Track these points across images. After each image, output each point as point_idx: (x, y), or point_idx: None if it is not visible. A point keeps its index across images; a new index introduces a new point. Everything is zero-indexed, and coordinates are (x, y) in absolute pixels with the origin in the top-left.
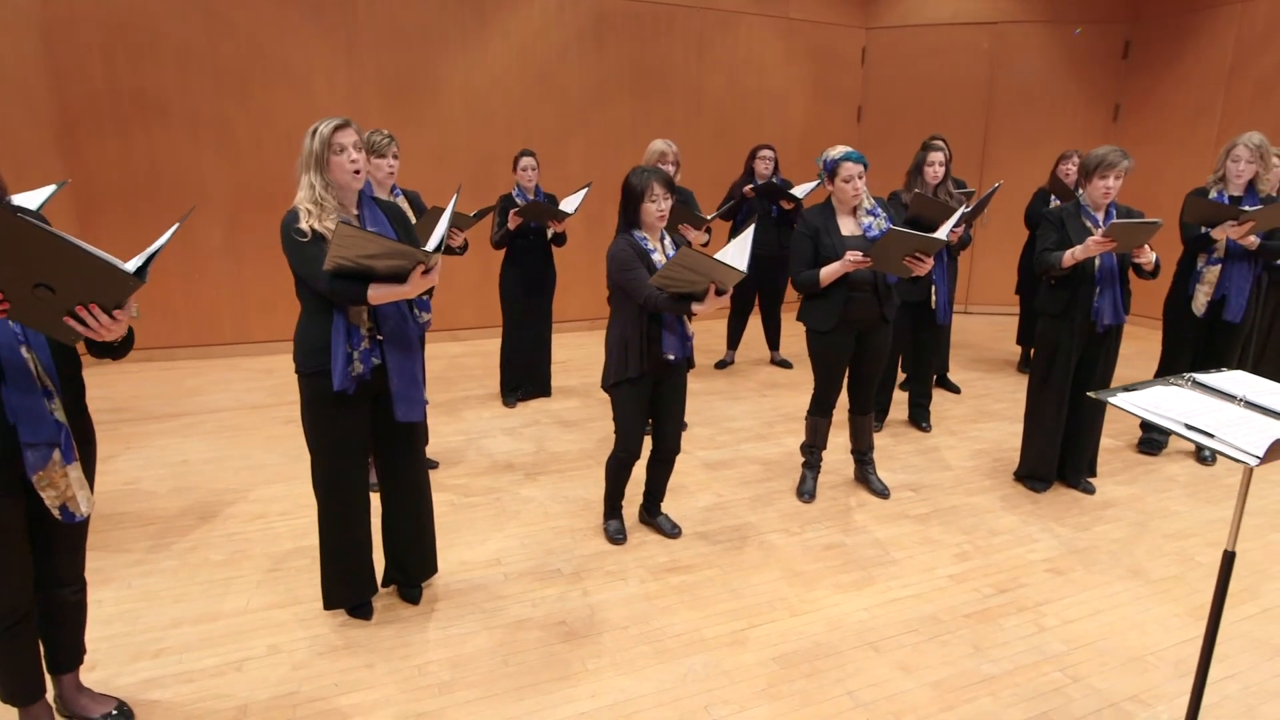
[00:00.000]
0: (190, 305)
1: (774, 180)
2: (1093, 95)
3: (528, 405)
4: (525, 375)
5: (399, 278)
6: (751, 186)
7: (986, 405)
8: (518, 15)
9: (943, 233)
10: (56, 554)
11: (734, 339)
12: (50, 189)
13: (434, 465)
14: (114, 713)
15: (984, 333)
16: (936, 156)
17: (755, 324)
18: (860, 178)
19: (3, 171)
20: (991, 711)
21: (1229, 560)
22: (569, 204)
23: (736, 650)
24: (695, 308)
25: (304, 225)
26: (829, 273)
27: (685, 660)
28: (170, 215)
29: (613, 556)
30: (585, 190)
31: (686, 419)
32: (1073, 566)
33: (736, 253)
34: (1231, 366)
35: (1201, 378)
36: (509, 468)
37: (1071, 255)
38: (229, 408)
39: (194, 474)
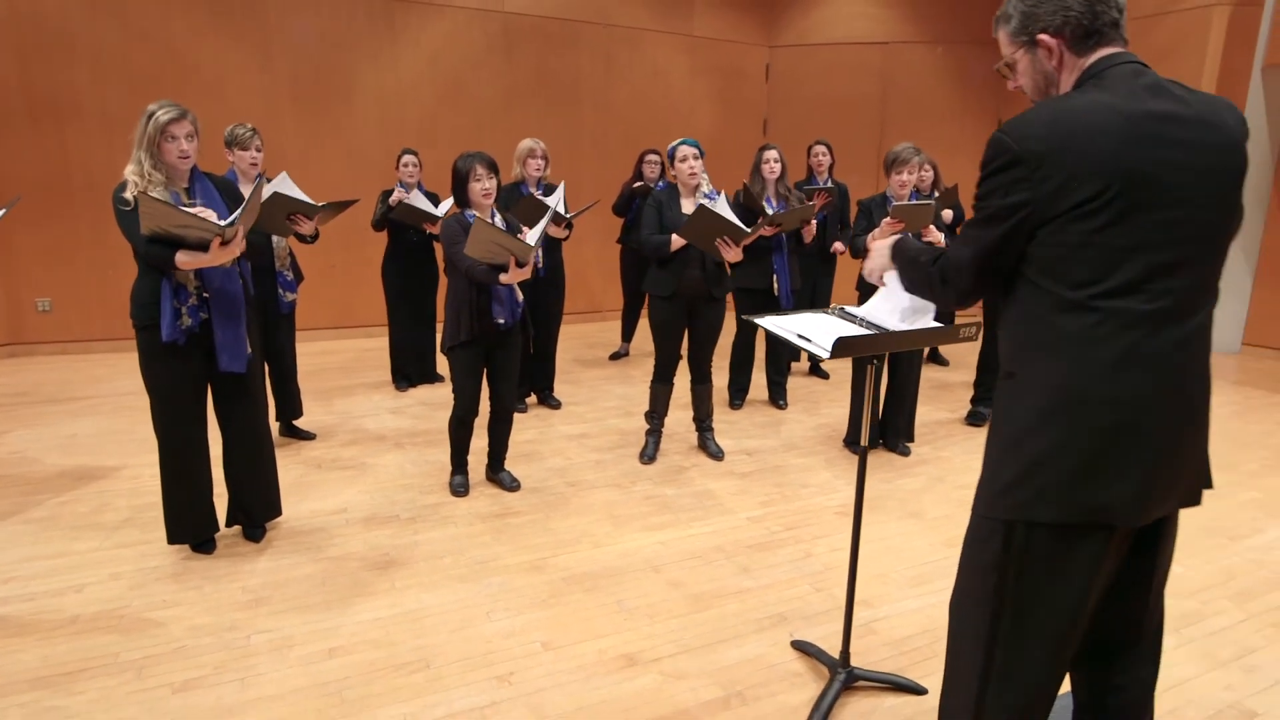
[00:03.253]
0: (104, 301)
1: (657, 184)
2: (977, 108)
3: (417, 390)
4: (412, 362)
5: (205, 247)
6: (636, 185)
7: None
8: (428, 26)
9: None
10: None
11: (628, 332)
12: None
13: (311, 437)
14: None
15: None
16: (771, 155)
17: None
18: (696, 159)
19: None
20: (736, 612)
21: (863, 454)
22: (442, 208)
23: (532, 573)
24: (502, 278)
25: (128, 195)
26: (675, 242)
27: (484, 580)
28: (84, 212)
29: (449, 505)
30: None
31: (562, 398)
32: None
33: (533, 233)
34: None
35: (849, 308)
36: (380, 439)
37: (871, 237)
38: (129, 392)
39: (79, 446)
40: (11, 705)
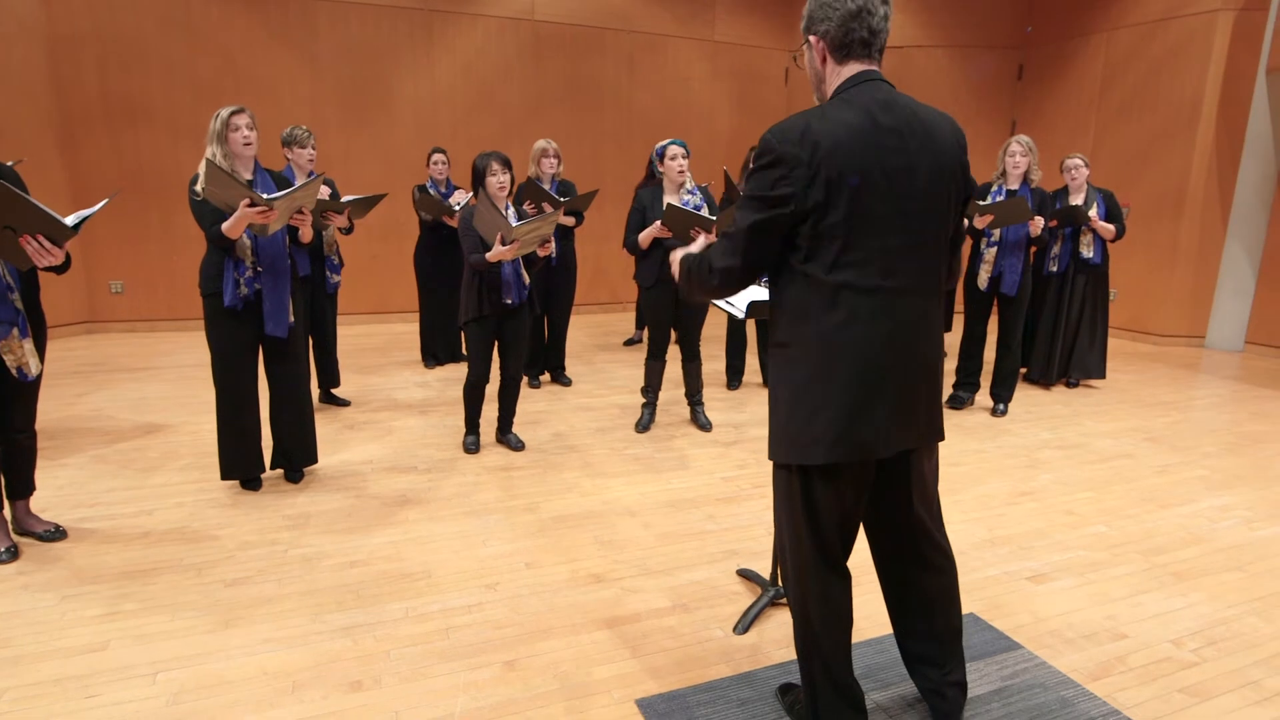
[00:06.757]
0: (169, 284)
1: None
2: (992, 113)
3: (443, 368)
4: (440, 343)
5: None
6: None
7: None
8: (462, 35)
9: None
10: (13, 406)
11: (641, 320)
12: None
13: (346, 403)
14: (52, 530)
15: None
16: None
17: None
18: (683, 158)
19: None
20: (695, 547)
21: None
22: (455, 199)
23: (526, 513)
24: (489, 255)
25: (199, 187)
26: (643, 236)
27: (484, 517)
28: (153, 205)
29: (461, 460)
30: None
31: (574, 377)
32: None
33: (520, 220)
34: (1017, 334)
35: None
36: (406, 407)
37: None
38: (190, 364)
39: (148, 406)
40: (105, 589)
